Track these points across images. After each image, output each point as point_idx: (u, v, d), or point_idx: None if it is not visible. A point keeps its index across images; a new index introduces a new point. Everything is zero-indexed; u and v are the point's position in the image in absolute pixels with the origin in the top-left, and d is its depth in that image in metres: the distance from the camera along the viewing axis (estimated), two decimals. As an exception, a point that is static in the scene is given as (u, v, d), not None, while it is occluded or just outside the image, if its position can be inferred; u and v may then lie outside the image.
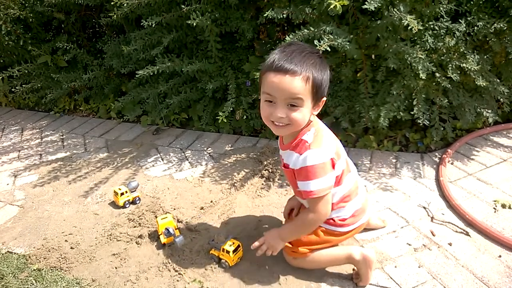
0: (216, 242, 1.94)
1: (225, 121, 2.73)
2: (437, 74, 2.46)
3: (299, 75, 1.50)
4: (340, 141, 1.82)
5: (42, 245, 2.18)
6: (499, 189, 2.30)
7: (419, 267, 1.84)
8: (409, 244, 1.98)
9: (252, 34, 2.85)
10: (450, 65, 2.43)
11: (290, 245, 1.83)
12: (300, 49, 1.56)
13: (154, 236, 2.16)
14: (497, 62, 2.62)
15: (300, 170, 1.64)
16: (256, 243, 1.83)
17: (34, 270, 2.01)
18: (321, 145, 1.62)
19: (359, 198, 1.84)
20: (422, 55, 2.27)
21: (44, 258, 2.08)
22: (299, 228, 1.78)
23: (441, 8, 2.39)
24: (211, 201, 2.42)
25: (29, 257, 2.10)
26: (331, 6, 2.09)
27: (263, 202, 2.39)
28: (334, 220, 1.79)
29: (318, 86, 1.54)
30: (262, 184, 2.55)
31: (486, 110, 2.54)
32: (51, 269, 2.01)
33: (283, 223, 2.13)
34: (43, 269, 2.01)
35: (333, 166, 1.65)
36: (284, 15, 2.41)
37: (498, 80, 2.54)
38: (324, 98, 1.62)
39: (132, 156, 3.07)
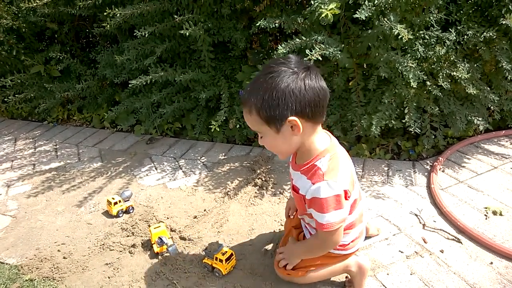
0: (209, 250, 1.94)
1: (218, 130, 2.74)
2: (428, 83, 2.48)
3: (246, 108, 1.51)
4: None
5: (35, 255, 2.17)
6: (490, 196, 2.32)
7: (411, 274, 1.85)
8: (401, 252, 1.99)
9: (244, 44, 2.87)
10: (441, 73, 2.46)
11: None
12: (258, 75, 1.53)
13: (147, 245, 2.16)
14: (487, 70, 2.65)
15: (312, 200, 1.54)
16: (278, 253, 1.86)
17: (26, 280, 2.00)
18: (336, 175, 1.51)
19: (362, 224, 1.81)
20: (413, 64, 2.29)
21: (37, 268, 2.07)
22: (311, 252, 1.76)
23: (431, 18, 2.42)
24: (205, 210, 2.42)
25: (21, 267, 2.09)
26: (322, 15, 2.11)
27: (256, 210, 2.39)
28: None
29: (267, 110, 1.44)
30: (256, 192, 2.55)
31: (477, 118, 2.57)
32: (43, 280, 2.00)
33: (284, 224, 2.12)
34: (35, 279, 2.00)
35: (347, 198, 1.55)
36: (276, 25, 2.43)
37: (489, 88, 2.57)
38: (291, 118, 1.43)
39: (126, 165, 3.07)
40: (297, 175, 1.64)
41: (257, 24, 2.44)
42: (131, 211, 2.47)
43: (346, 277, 1.85)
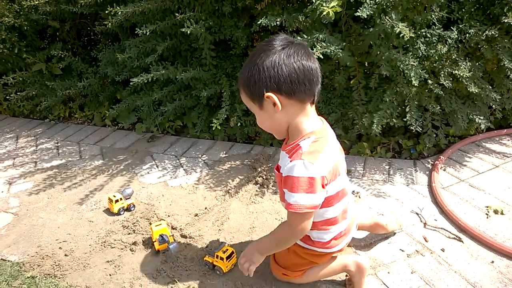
0: (210, 248, 1.95)
1: (220, 128, 2.74)
2: (430, 81, 2.48)
3: (239, 87, 1.57)
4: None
5: (36, 252, 2.18)
6: (492, 195, 2.32)
7: (412, 273, 1.85)
8: (402, 250, 1.99)
9: (246, 42, 2.86)
10: (442, 72, 2.45)
11: (282, 268, 1.81)
12: None
13: (148, 243, 2.17)
14: (489, 69, 2.64)
15: (286, 178, 1.51)
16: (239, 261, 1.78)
17: (28, 277, 2.00)
18: (315, 158, 1.46)
19: (346, 221, 1.74)
20: (414, 62, 2.29)
21: (38, 266, 2.08)
22: (275, 242, 1.67)
23: (433, 16, 2.42)
24: (206, 208, 2.43)
25: (23, 264, 2.09)
26: (324, 13, 2.10)
27: (257, 208, 2.39)
28: (313, 242, 1.71)
29: (248, 87, 1.49)
30: (256, 190, 2.56)
31: (479, 116, 2.56)
32: (45, 277, 2.00)
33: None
34: (37, 276, 2.01)
35: (323, 186, 1.50)
36: (278, 23, 2.43)
37: (490, 87, 2.57)
38: (268, 94, 1.44)
39: (127, 163, 3.08)
40: (282, 154, 1.64)
41: (259, 22, 2.43)
42: (132, 209, 2.47)
43: (346, 275, 1.85)
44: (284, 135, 1.63)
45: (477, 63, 2.55)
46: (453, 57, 2.46)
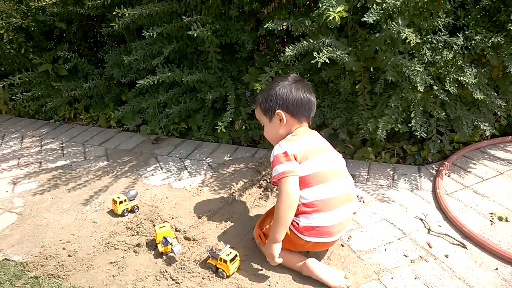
0: (214, 251, 1.95)
1: (224, 131, 2.75)
2: (435, 87, 2.48)
3: (255, 103, 2.09)
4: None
5: (40, 252, 2.18)
6: (496, 201, 2.31)
7: (415, 278, 1.85)
8: (406, 256, 1.98)
9: (252, 46, 2.87)
10: (448, 78, 2.45)
11: (260, 230, 2.05)
12: None
13: (152, 245, 2.17)
14: (494, 75, 2.64)
15: (271, 162, 1.89)
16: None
17: (31, 277, 2.01)
18: (289, 142, 1.88)
19: (330, 218, 1.84)
20: (420, 68, 2.29)
21: (42, 266, 2.08)
22: (275, 221, 1.81)
23: (439, 22, 2.42)
24: (209, 211, 2.43)
25: (27, 264, 2.09)
26: (330, 18, 2.11)
27: (261, 212, 2.39)
28: (298, 225, 1.85)
29: (265, 104, 1.99)
30: (260, 194, 2.56)
31: (483, 123, 2.56)
32: (48, 277, 2.01)
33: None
34: (40, 276, 2.01)
35: (296, 159, 1.83)
36: (284, 27, 2.44)
37: (496, 94, 2.56)
38: (278, 111, 1.95)
39: (132, 165, 3.08)
40: None
41: (265, 26, 2.44)
42: (136, 210, 2.48)
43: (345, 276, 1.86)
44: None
45: (483, 70, 2.55)
46: (459, 63, 2.46)
